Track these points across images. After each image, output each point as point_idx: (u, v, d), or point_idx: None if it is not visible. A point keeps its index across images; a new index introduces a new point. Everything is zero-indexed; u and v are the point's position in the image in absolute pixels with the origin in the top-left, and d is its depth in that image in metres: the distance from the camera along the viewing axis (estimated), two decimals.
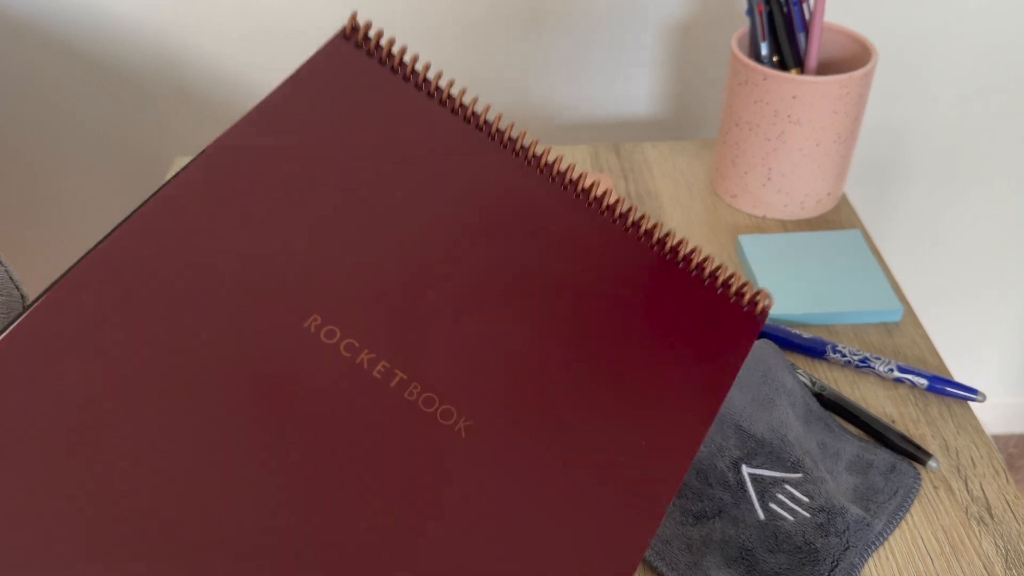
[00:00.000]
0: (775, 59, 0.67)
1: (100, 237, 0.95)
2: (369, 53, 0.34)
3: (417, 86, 0.34)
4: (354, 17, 0.34)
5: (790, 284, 0.62)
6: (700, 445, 0.34)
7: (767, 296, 0.38)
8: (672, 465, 0.33)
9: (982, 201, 0.98)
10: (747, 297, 0.37)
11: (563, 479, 0.32)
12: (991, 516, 0.49)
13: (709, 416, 0.35)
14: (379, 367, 0.30)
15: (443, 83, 0.36)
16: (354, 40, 0.34)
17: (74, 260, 0.96)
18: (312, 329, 0.30)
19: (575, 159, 0.77)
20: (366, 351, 0.31)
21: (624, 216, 0.36)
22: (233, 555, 0.28)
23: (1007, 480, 0.50)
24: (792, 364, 0.54)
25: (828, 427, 0.52)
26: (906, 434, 0.52)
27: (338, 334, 0.31)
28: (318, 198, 0.32)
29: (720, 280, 0.37)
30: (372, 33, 0.34)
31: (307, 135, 0.32)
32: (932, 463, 0.50)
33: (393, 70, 0.34)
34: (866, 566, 0.46)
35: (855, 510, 0.47)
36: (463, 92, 0.34)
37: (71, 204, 0.92)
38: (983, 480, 0.50)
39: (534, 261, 0.33)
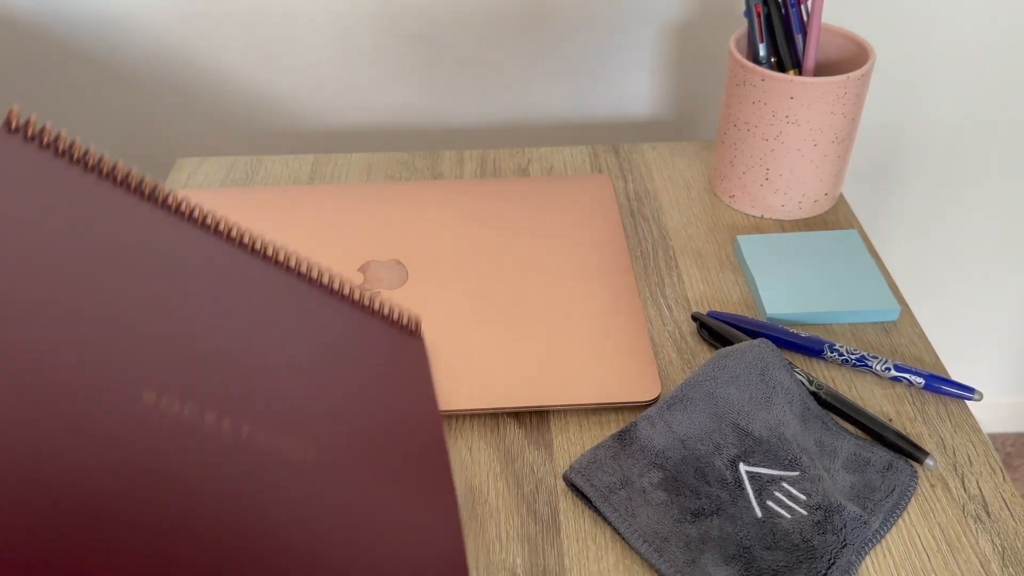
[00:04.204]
0: (773, 60, 0.67)
1: None
2: (29, 139, 0.37)
3: (79, 163, 0.38)
4: (13, 112, 0.38)
5: (788, 284, 0.62)
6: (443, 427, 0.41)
7: (417, 316, 0.45)
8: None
9: (979, 201, 0.98)
10: (404, 317, 0.43)
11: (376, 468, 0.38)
12: (988, 514, 0.49)
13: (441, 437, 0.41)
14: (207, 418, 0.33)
15: (102, 160, 0.40)
16: (19, 132, 0.37)
17: None
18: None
19: (574, 160, 0.78)
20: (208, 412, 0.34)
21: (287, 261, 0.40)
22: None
23: (1004, 478, 0.51)
24: (790, 363, 0.54)
25: (825, 425, 0.52)
26: (903, 432, 0.52)
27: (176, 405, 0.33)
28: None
29: (374, 306, 0.42)
30: (30, 125, 0.38)
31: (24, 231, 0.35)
32: (929, 461, 0.50)
33: (59, 153, 0.38)
34: (863, 564, 0.47)
35: (852, 508, 0.47)
36: (118, 163, 0.39)
37: None
38: (980, 478, 0.51)
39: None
